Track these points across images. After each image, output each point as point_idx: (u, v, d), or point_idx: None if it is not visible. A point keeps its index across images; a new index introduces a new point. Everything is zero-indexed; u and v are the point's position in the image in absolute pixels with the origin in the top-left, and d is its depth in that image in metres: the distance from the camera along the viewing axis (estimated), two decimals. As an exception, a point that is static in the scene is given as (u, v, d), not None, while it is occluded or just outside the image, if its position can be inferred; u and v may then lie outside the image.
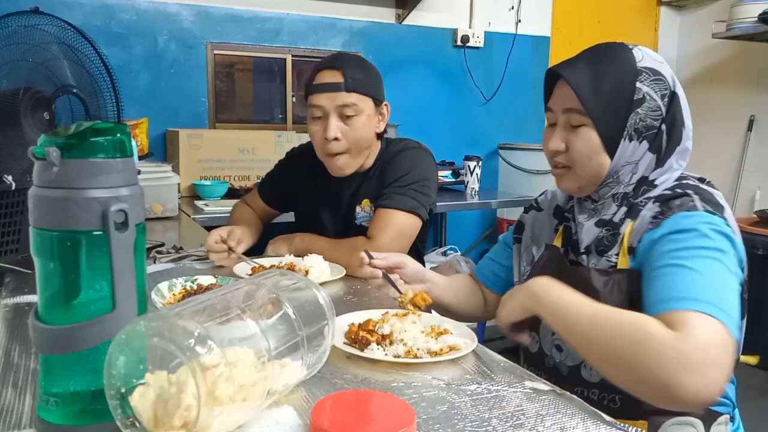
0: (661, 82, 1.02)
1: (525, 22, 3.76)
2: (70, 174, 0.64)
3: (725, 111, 3.92)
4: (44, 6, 1.79)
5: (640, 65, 1.01)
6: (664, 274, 0.88)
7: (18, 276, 1.31)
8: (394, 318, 1.02)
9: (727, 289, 0.85)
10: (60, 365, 0.67)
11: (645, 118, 1.00)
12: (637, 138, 1.01)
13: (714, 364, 0.77)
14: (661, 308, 0.84)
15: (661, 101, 1.01)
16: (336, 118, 1.53)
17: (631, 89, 1.00)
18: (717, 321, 0.80)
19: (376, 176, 1.64)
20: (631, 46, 1.04)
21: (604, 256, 1.02)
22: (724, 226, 0.92)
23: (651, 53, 1.05)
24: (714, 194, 0.99)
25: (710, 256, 0.88)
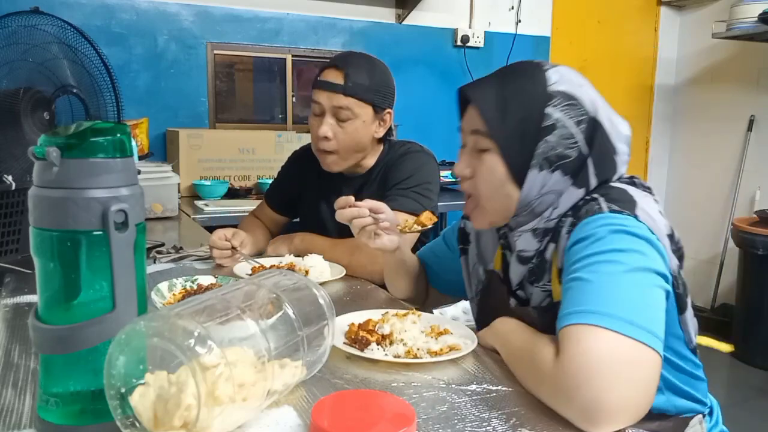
0: (577, 107, 0.93)
1: (525, 22, 3.76)
2: (70, 174, 0.64)
3: (725, 111, 3.92)
4: (44, 6, 1.79)
5: (552, 89, 0.93)
6: (564, 292, 0.83)
7: (18, 276, 1.31)
8: (394, 318, 1.02)
9: (623, 292, 0.78)
10: (60, 365, 0.67)
11: (556, 147, 0.92)
12: (549, 168, 0.92)
13: (601, 376, 0.71)
14: (558, 328, 0.80)
15: (576, 128, 0.92)
16: (330, 118, 1.55)
17: (540, 114, 0.92)
18: (605, 330, 0.74)
19: (378, 179, 1.64)
20: (548, 67, 0.96)
21: (537, 286, 0.96)
22: (630, 222, 0.84)
23: (569, 75, 0.96)
24: (627, 191, 0.91)
25: (604, 260, 0.81)
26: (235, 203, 2.55)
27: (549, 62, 0.99)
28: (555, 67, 0.97)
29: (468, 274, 1.18)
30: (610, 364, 0.72)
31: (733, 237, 3.41)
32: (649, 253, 0.83)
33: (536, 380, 0.80)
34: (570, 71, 0.97)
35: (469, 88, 0.99)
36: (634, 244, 0.82)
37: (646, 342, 0.74)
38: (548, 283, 0.94)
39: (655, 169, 4.29)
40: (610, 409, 0.70)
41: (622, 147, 0.96)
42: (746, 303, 3.35)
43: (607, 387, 0.71)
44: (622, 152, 0.96)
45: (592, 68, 4.02)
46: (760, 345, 3.25)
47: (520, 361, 0.86)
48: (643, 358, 0.74)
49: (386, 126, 1.63)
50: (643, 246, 0.83)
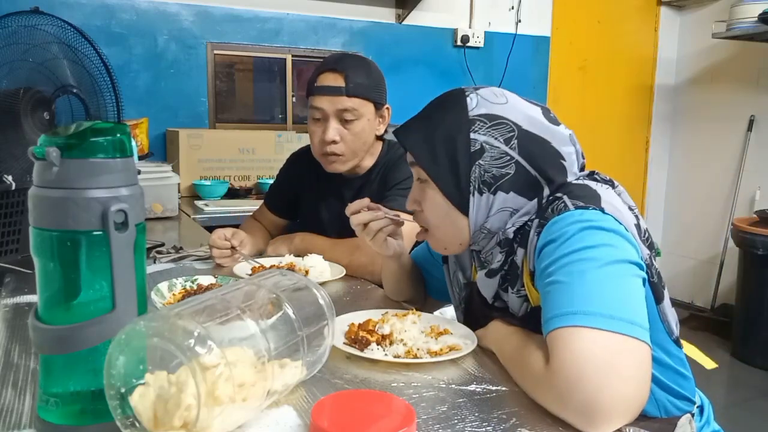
0: (502, 125, 0.94)
1: (525, 22, 3.76)
2: (70, 174, 0.64)
3: (725, 111, 3.92)
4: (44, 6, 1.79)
5: (472, 114, 0.95)
6: (543, 296, 0.84)
7: (18, 276, 1.31)
8: (394, 318, 1.02)
9: (601, 288, 0.78)
10: (60, 365, 0.67)
11: (489, 168, 0.93)
12: (489, 190, 0.94)
13: (593, 377, 0.71)
14: (544, 333, 0.80)
15: (506, 146, 0.93)
16: (335, 122, 1.54)
17: (466, 141, 0.94)
18: (590, 329, 0.74)
19: (378, 179, 1.64)
20: (468, 93, 0.98)
21: (512, 293, 0.95)
22: (596, 216, 0.84)
23: (489, 95, 0.97)
24: (589, 185, 0.91)
25: (577, 259, 0.81)
26: (235, 203, 2.55)
27: (472, 87, 1.00)
28: (476, 91, 0.98)
29: (450, 282, 1.18)
30: (600, 363, 0.72)
31: (733, 237, 3.41)
32: (620, 245, 0.83)
33: (531, 385, 0.81)
34: (490, 91, 0.99)
35: (398, 129, 1.02)
36: (604, 238, 0.82)
37: (631, 334, 0.75)
38: (522, 288, 0.94)
39: (655, 169, 4.29)
40: (605, 407, 0.70)
41: (566, 149, 0.96)
42: (746, 303, 3.35)
43: (600, 387, 0.71)
44: (568, 153, 0.96)
45: (592, 68, 4.02)
46: (760, 345, 3.25)
47: (514, 366, 0.87)
48: (631, 351, 0.74)
49: (386, 122, 1.63)
50: (613, 238, 0.83)
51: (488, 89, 0.99)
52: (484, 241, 0.98)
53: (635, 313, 0.77)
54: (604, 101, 4.08)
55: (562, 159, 0.95)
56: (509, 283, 0.96)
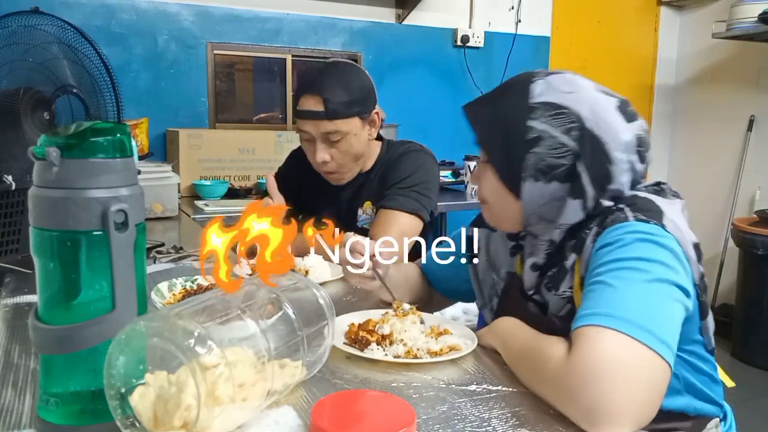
0: (563, 116, 0.92)
1: (525, 22, 3.76)
2: (70, 174, 0.64)
3: (725, 111, 3.92)
4: (44, 6, 1.79)
5: (534, 101, 0.93)
6: (585, 294, 0.83)
7: (18, 276, 1.31)
8: (394, 318, 1.01)
9: (643, 300, 0.78)
10: (60, 365, 0.67)
11: (545, 157, 0.92)
12: (544, 178, 0.92)
13: (608, 377, 0.71)
14: (573, 327, 0.79)
15: (565, 137, 0.91)
16: (322, 143, 1.55)
17: (523, 128, 0.93)
18: (619, 333, 0.74)
19: (377, 178, 1.64)
20: (535, 78, 0.96)
21: (556, 294, 0.95)
22: (657, 231, 0.84)
23: (558, 83, 0.95)
24: (653, 200, 0.91)
25: (629, 267, 0.81)
26: (235, 203, 2.54)
27: (543, 71, 0.98)
28: (545, 77, 0.96)
29: (478, 282, 1.17)
30: (619, 367, 0.72)
31: (733, 237, 3.41)
32: (673, 266, 0.82)
33: (540, 379, 0.80)
34: (560, 79, 0.96)
35: (468, 104, 1.02)
36: (659, 255, 0.82)
37: (658, 351, 0.74)
38: (569, 290, 0.94)
39: (655, 169, 4.29)
40: (613, 411, 0.70)
41: (618, 155, 0.92)
42: (746, 303, 3.35)
43: (613, 389, 0.71)
44: (618, 161, 0.92)
45: (592, 68, 4.02)
46: (761, 345, 3.25)
47: (523, 360, 0.86)
48: (652, 365, 0.74)
49: (377, 125, 1.63)
50: (668, 257, 0.83)
51: (559, 76, 0.97)
52: (539, 228, 0.97)
53: (668, 334, 0.77)
54: (604, 101, 4.08)
55: (609, 163, 0.92)
56: (554, 284, 0.96)
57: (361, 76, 1.58)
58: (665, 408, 0.89)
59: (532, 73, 0.98)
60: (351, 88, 1.54)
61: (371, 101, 1.59)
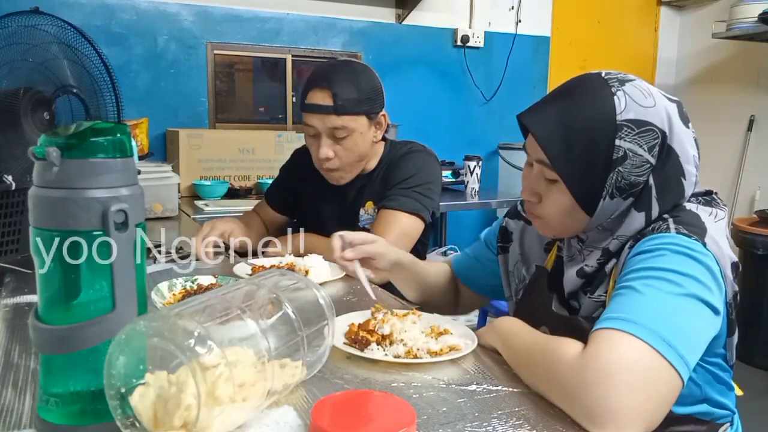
0: (650, 132, 0.88)
1: (525, 22, 3.76)
2: (70, 174, 0.64)
3: (725, 111, 3.92)
4: (44, 6, 1.79)
5: (620, 119, 0.87)
6: (613, 297, 0.83)
7: (18, 276, 1.31)
8: (394, 318, 1.01)
9: (670, 313, 0.77)
10: (60, 365, 0.67)
11: (628, 176, 0.89)
12: (620, 195, 0.90)
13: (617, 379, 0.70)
14: (594, 329, 0.79)
15: (648, 154, 0.88)
16: (328, 139, 1.54)
17: (609, 147, 0.87)
18: (637, 339, 0.73)
19: (379, 178, 1.64)
20: (615, 88, 0.89)
21: (591, 297, 0.95)
22: (697, 247, 0.83)
23: (637, 96, 0.89)
24: (699, 216, 0.89)
25: (662, 278, 0.80)
26: (235, 203, 2.55)
27: (614, 78, 0.91)
28: (623, 86, 0.90)
29: (507, 273, 1.17)
30: (629, 368, 0.72)
31: (733, 237, 3.41)
32: (708, 284, 0.81)
33: (548, 375, 0.79)
34: (638, 90, 0.90)
35: (527, 115, 0.94)
36: (696, 271, 0.81)
37: (673, 362, 0.74)
38: (603, 295, 0.93)
39: (655, 169, 4.29)
40: (615, 411, 0.70)
41: (690, 169, 0.92)
42: (746, 303, 3.33)
43: (618, 390, 0.70)
44: (689, 174, 0.92)
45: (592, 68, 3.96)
46: (761, 345, 3.25)
47: (527, 358, 0.85)
48: (664, 374, 0.73)
49: (383, 128, 1.62)
50: (704, 275, 0.81)
51: (634, 85, 0.91)
52: (597, 236, 0.96)
53: (688, 349, 0.76)
54: (604, 101, 4.08)
55: (683, 176, 0.92)
56: (591, 287, 0.95)
57: (371, 76, 1.58)
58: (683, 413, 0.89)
59: (606, 81, 0.91)
60: (361, 86, 1.54)
61: (379, 103, 1.59)
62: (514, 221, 1.18)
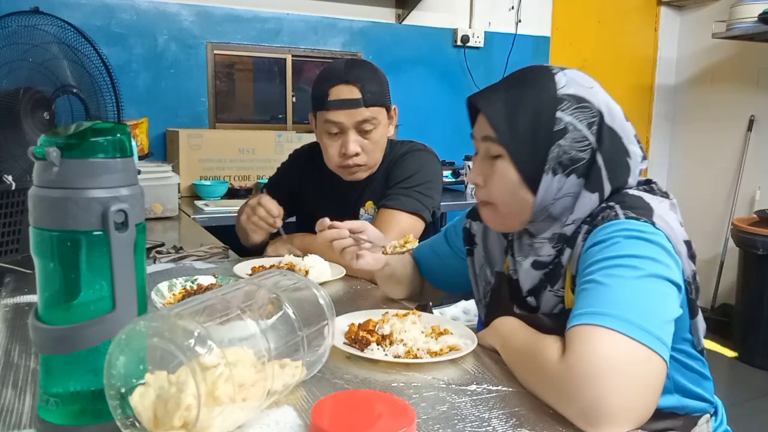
0: (587, 109, 0.92)
1: (525, 22, 3.76)
2: (70, 174, 0.64)
3: (725, 111, 3.92)
4: (44, 6, 1.79)
5: (561, 92, 0.93)
6: (577, 293, 0.83)
7: (18, 276, 1.31)
8: (394, 318, 1.01)
9: (636, 298, 0.78)
10: (60, 365, 0.67)
11: (569, 150, 0.91)
12: (563, 172, 0.92)
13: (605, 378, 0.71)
14: (567, 328, 0.79)
15: (587, 130, 0.92)
16: (355, 134, 1.54)
17: (551, 119, 0.91)
18: (613, 332, 0.74)
19: (380, 177, 1.64)
20: (556, 70, 0.96)
21: (551, 291, 0.96)
22: (647, 228, 0.85)
23: (578, 77, 0.96)
24: (643, 197, 0.91)
25: (621, 265, 0.81)
26: (235, 203, 2.54)
27: (557, 66, 0.98)
28: (563, 70, 0.96)
29: (475, 276, 1.17)
30: (616, 366, 0.72)
31: (733, 237, 3.41)
32: (665, 261, 0.83)
33: (538, 379, 0.80)
34: (579, 73, 0.97)
35: (477, 95, 0.99)
36: (650, 251, 0.82)
37: (653, 347, 0.74)
38: (562, 289, 0.94)
39: (655, 169, 4.29)
40: (612, 411, 0.70)
41: (634, 149, 0.95)
42: (746, 303, 3.35)
43: (610, 388, 0.71)
44: (634, 154, 0.95)
45: (592, 68, 4.01)
46: (761, 345, 3.25)
47: (521, 361, 0.86)
48: (649, 363, 0.74)
49: (394, 122, 1.64)
50: (659, 253, 0.83)
51: (575, 70, 0.97)
52: (542, 225, 0.97)
53: (662, 329, 0.77)
54: (604, 101, 4.08)
55: (628, 156, 0.95)
56: (550, 281, 0.96)
57: (383, 72, 1.61)
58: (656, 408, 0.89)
59: (548, 66, 0.98)
60: (380, 77, 1.57)
61: (390, 95, 1.61)
62: (476, 223, 1.18)
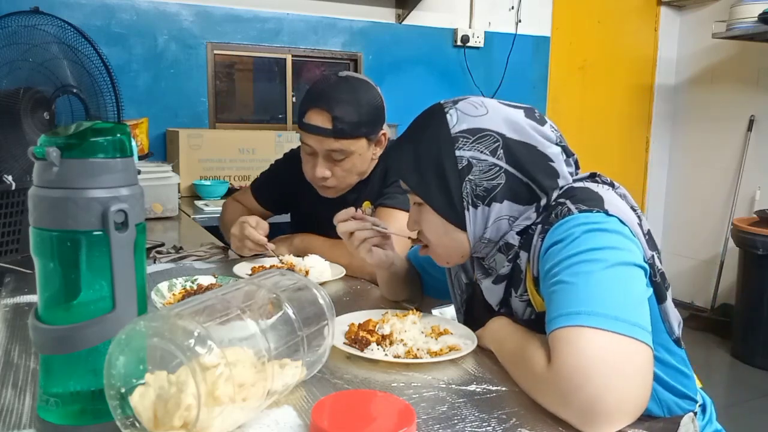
0: (486, 138, 0.94)
1: (525, 22, 3.76)
2: (70, 174, 0.64)
3: (725, 111, 3.92)
4: (44, 6, 1.79)
5: (454, 131, 0.95)
6: (548, 296, 0.83)
7: (18, 276, 1.31)
8: (394, 318, 1.02)
9: (606, 290, 0.78)
10: (60, 365, 0.67)
11: (480, 182, 0.93)
12: (483, 203, 0.94)
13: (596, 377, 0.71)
14: (547, 333, 0.80)
15: (493, 157, 0.93)
16: (324, 160, 1.51)
17: (452, 160, 0.94)
18: (592, 329, 0.74)
19: (377, 178, 1.63)
20: (447, 108, 0.98)
21: (515, 296, 0.96)
22: (600, 218, 0.85)
23: (468, 109, 0.97)
24: (590, 188, 0.92)
25: (583, 260, 0.81)
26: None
27: (450, 101, 0.99)
28: (455, 105, 0.98)
29: (451, 284, 1.18)
30: (604, 364, 0.72)
31: (733, 237, 3.41)
32: (625, 247, 0.83)
33: (531, 385, 0.81)
34: (469, 104, 0.98)
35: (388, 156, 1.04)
36: (609, 241, 0.83)
37: (635, 336, 0.75)
38: (525, 293, 0.94)
39: (655, 169, 4.29)
40: (608, 409, 0.70)
41: (552, 150, 0.95)
42: (746, 303, 3.35)
43: (603, 387, 0.71)
44: (554, 154, 0.95)
45: (592, 68, 4.02)
46: (760, 345, 3.25)
47: (514, 365, 0.86)
48: (634, 353, 0.74)
49: (383, 146, 1.59)
50: (618, 240, 0.83)
51: (466, 101, 0.99)
52: (486, 249, 0.98)
53: (639, 315, 0.77)
54: (604, 101, 4.08)
55: (550, 161, 0.95)
56: (513, 286, 0.96)
57: (372, 94, 1.53)
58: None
59: (441, 105, 0.99)
60: (361, 107, 1.48)
61: (380, 122, 1.55)
62: None
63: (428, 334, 1.00)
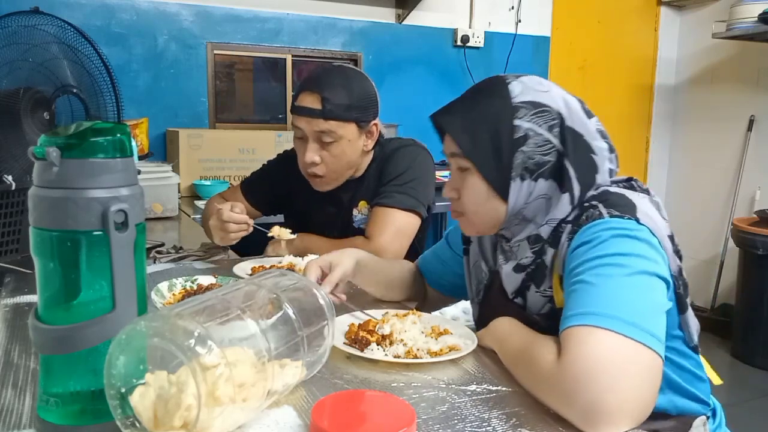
0: (546, 113, 0.94)
1: (525, 22, 3.76)
2: (70, 174, 0.64)
3: (725, 111, 3.92)
4: (44, 6, 1.79)
5: (516, 101, 0.95)
6: (567, 295, 0.84)
7: (18, 276, 1.31)
8: (394, 318, 1.02)
9: (625, 295, 0.79)
10: (60, 365, 0.67)
11: (533, 155, 0.93)
12: (531, 177, 0.94)
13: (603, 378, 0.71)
14: (560, 330, 0.80)
15: (549, 134, 0.94)
16: (314, 143, 1.51)
17: (510, 128, 0.94)
18: (606, 331, 0.74)
19: (372, 177, 1.63)
20: (510, 80, 0.98)
21: (537, 291, 0.96)
22: (632, 225, 0.85)
23: (533, 83, 0.97)
24: (625, 194, 0.92)
25: (608, 264, 0.81)
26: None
27: (513, 75, 1.00)
28: (518, 78, 0.98)
29: (469, 273, 1.17)
30: (612, 366, 0.72)
31: (733, 237, 3.41)
32: (651, 257, 0.83)
33: (536, 381, 0.80)
34: (534, 79, 0.99)
35: (439, 114, 1.02)
36: (637, 248, 0.83)
37: (647, 344, 0.75)
38: (549, 289, 0.94)
39: (655, 169, 4.29)
40: (611, 410, 0.70)
41: (598, 144, 0.97)
42: (746, 303, 3.35)
43: (608, 388, 0.71)
44: (600, 149, 0.97)
45: (592, 68, 4.02)
46: (761, 345, 3.25)
47: (519, 363, 0.86)
48: (644, 360, 0.74)
49: (374, 137, 1.59)
50: (645, 249, 0.83)
51: (531, 77, 0.99)
52: (516, 228, 0.98)
53: (654, 324, 0.77)
54: (604, 101, 4.08)
55: (592, 153, 0.96)
56: (534, 281, 0.96)
57: (365, 83, 1.54)
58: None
59: (503, 77, 1.00)
60: (353, 92, 1.50)
61: (372, 111, 1.55)
62: None
63: (428, 334, 1.00)
